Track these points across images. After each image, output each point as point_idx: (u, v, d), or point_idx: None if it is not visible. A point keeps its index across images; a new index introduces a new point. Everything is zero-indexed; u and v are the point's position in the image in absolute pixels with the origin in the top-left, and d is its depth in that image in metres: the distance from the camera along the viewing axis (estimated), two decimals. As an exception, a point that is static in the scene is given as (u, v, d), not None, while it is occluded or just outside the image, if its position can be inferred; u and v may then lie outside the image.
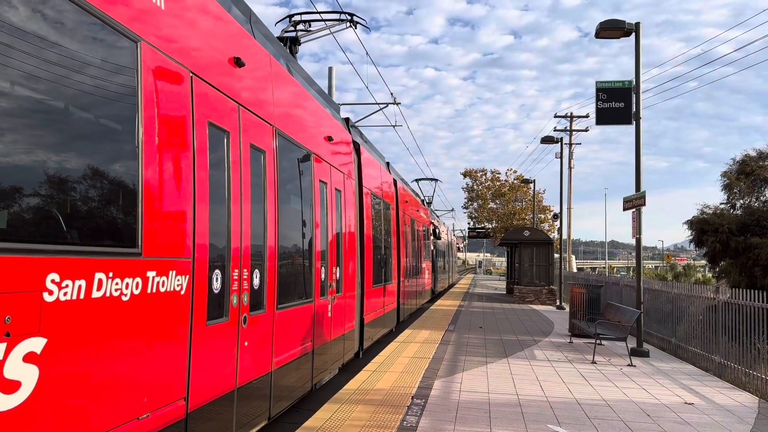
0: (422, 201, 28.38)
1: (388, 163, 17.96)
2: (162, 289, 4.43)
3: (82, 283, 3.56)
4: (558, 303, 24.61)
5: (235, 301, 5.70)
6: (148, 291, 4.25)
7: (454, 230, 73.11)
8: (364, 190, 12.25)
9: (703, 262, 39.27)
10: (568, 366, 10.64)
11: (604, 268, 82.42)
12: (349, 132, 11.65)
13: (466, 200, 51.81)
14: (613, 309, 13.33)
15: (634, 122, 12.99)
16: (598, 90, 13.50)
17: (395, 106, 24.31)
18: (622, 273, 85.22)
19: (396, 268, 16.65)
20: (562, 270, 26.65)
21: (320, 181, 8.92)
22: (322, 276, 8.91)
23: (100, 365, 3.75)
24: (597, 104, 13.53)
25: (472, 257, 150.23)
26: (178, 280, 4.67)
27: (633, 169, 13.01)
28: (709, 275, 45.07)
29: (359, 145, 12.24)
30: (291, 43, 11.79)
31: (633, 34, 12.69)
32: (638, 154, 12.92)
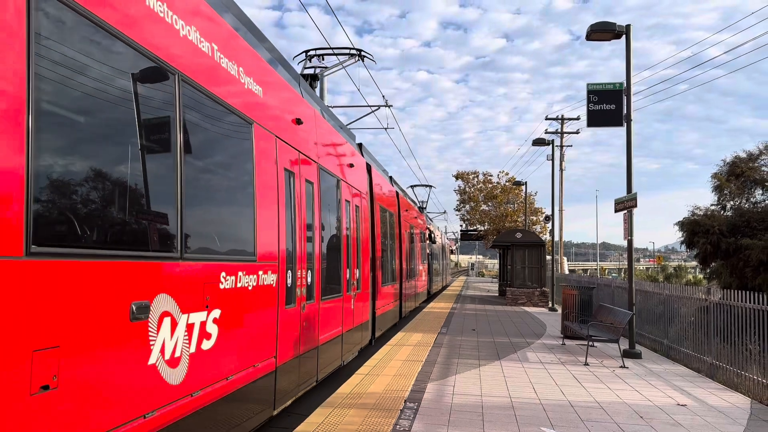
0: (419, 208, 30.56)
1: (391, 177, 19.82)
2: (265, 283, 6.54)
3: (233, 277, 5.70)
4: (550, 305, 24.64)
5: (299, 293, 7.81)
6: (259, 284, 6.36)
7: (446, 232, 73.23)
8: (375, 204, 14.21)
9: (694, 263, 39.46)
10: (560, 368, 10.64)
11: (595, 269, 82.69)
12: (363, 156, 13.56)
13: (458, 202, 51.81)
14: (605, 311, 13.35)
15: (625, 124, 13.02)
16: (589, 92, 13.50)
17: (387, 108, 24.32)
18: (614, 274, 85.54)
19: (399, 270, 18.49)
20: (554, 272, 26.70)
21: (346, 200, 11.03)
22: (348, 276, 10.97)
23: (241, 330, 5.89)
24: (588, 106, 13.53)
25: (464, 259, 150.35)
26: (272, 277, 6.78)
27: (624, 171, 13.05)
28: (700, 276, 45.30)
29: (371, 166, 14.09)
30: (311, 79, 13.46)
31: (624, 37, 12.74)
32: (629, 156, 12.95)
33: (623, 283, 15.95)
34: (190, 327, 4.86)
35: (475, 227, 51.73)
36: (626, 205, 12.71)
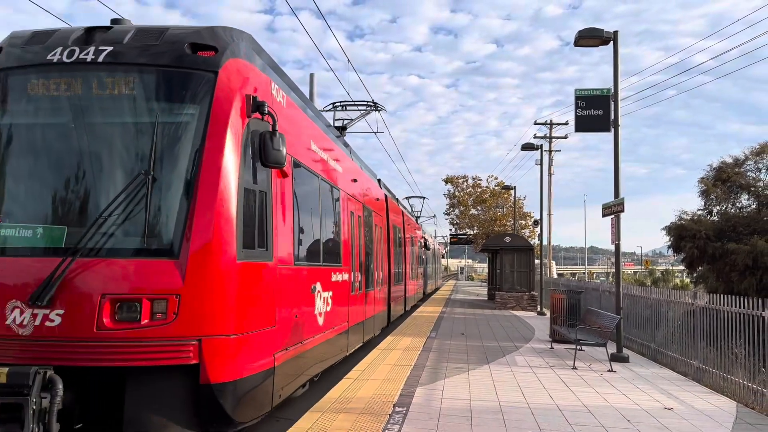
0: (416, 219, 36.01)
1: (398, 199, 24.39)
2: (344, 278, 10.97)
3: (335, 274, 10.17)
4: (539, 309, 24.73)
5: (356, 285, 12.26)
6: (342, 279, 10.75)
7: (435, 236, 73.42)
8: (390, 223, 19.03)
9: (682, 267, 39.75)
10: (549, 372, 10.68)
11: (583, 273, 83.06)
12: (381, 189, 18.44)
13: (447, 206, 51.93)
14: (593, 315, 13.42)
15: (613, 129, 13.12)
16: (577, 98, 13.57)
17: (377, 113, 24.37)
18: (602, 278, 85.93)
19: (404, 273, 22.97)
20: (542, 276, 26.81)
21: (375, 225, 15.50)
22: (376, 277, 15.58)
23: (337, 302, 10.28)
24: (576, 112, 13.59)
25: (453, 263, 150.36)
26: (346, 275, 11.17)
27: (612, 175, 13.14)
28: (687, 280, 45.59)
29: (387, 196, 19.30)
30: (341, 129, 17.45)
31: (611, 43, 12.84)
32: (617, 161, 13.05)
33: (611, 287, 16.02)
34: (323, 298, 9.23)
35: (464, 231, 51.86)
36: (614, 209, 12.79)
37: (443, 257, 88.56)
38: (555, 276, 42.60)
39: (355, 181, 12.59)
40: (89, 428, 6.02)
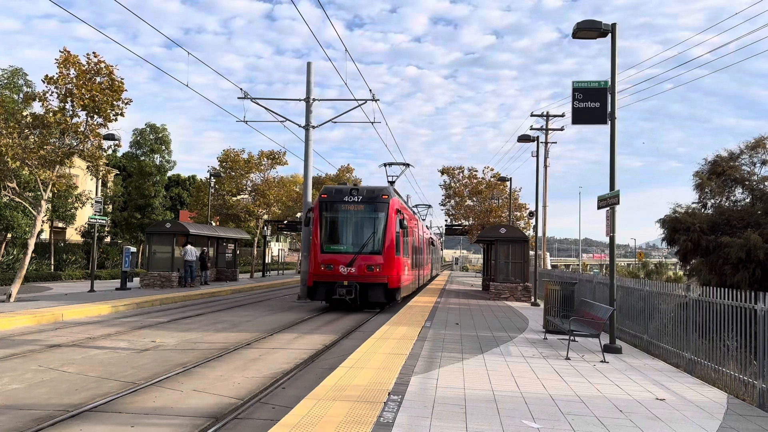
0: (423, 221, 46.77)
1: (418, 215, 37.46)
2: (409, 262, 26.46)
3: (406, 260, 25.43)
4: (533, 300, 24.85)
5: (411, 265, 27.29)
6: (409, 262, 26.24)
7: (431, 226, 73.69)
8: (417, 233, 30.88)
9: (675, 260, 39.94)
10: (542, 362, 10.77)
11: (577, 265, 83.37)
12: (413, 213, 33.45)
13: (443, 197, 51.91)
14: (586, 306, 13.51)
15: (609, 122, 13.14)
16: (574, 90, 13.56)
17: (374, 102, 24.33)
18: (595, 270, 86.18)
19: (423, 261, 35.59)
20: (537, 267, 26.93)
21: (414, 235, 28.28)
22: (415, 262, 29.58)
23: (408, 272, 25.84)
24: (573, 104, 13.57)
25: (448, 254, 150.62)
26: (409, 260, 26.48)
27: (607, 168, 13.18)
28: (681, 273, 45.79)
29: (417, 219, 33.13)
30: (392, 183, 30.14)
31: (609, 35, 12.84)
32: (613, 154, 13.08)
33: (604, 278, 16.11)
34: (404, 269, 24.25)
35: (459, 222, 51.90)
36: (609, 202, 12.85)
37: (441, 249, 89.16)
38: (549, 267, 42.78)
39: (409, 219, 26.67)
40: (359, 300, 21.23)
